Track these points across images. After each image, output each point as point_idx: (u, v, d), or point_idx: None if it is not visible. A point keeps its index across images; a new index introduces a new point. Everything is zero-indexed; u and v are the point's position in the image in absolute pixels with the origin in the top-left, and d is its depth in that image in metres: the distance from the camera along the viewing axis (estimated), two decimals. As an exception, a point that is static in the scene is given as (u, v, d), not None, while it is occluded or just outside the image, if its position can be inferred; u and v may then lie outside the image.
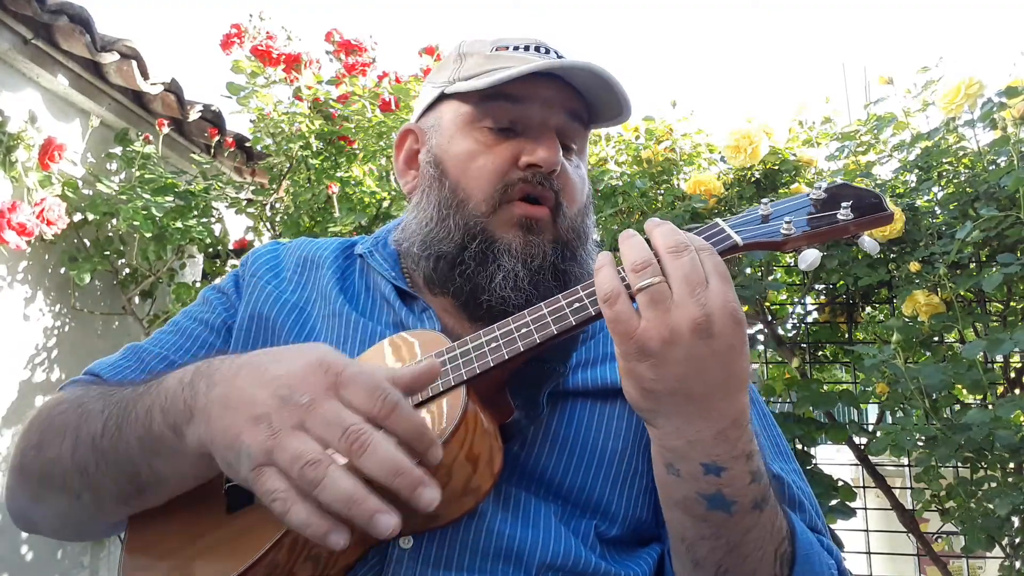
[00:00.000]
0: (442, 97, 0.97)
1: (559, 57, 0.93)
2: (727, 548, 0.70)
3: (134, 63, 2.56)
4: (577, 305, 0.73)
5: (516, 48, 0.93)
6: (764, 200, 0.75)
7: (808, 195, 0.74)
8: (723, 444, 0.66)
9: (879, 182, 2.40)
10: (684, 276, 0.63)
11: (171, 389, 0.69)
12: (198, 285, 2.86)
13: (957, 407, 2.13)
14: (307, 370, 0.62)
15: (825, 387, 2.37)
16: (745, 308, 2.33)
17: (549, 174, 0.89)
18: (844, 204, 0.71)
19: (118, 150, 2.72)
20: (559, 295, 0.75)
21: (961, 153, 2.29)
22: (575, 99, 0.93)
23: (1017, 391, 2.33)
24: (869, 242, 0.71)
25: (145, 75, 2.63)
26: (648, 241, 0.68)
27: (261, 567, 0.65)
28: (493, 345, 0.75)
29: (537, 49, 0.93)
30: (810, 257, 0.71)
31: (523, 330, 0.74)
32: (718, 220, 0.74)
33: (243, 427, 0.60)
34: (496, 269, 0.87)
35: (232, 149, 3.08)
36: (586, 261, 0.94)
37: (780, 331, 2.61)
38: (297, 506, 0.56)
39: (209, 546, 0.70)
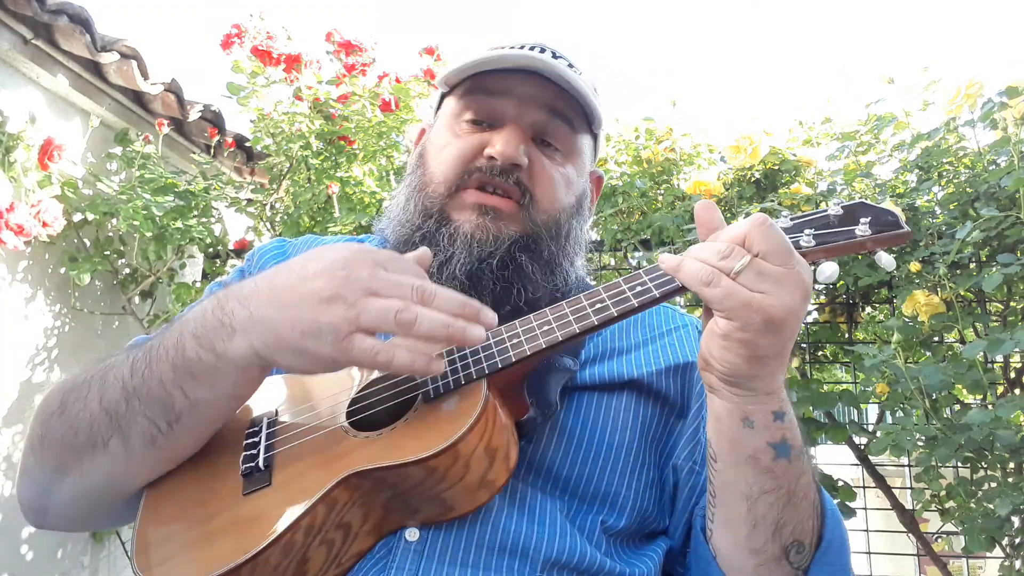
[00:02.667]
0: (443, 96, 1.01)
1: (556, 57, 0.93)
2: (786, 498, 0.73)
3: (134, 63, 2.56)
4: (599, 306, 0.74)
5: (512, 48, 0.94)
6: (784, 213, 0.77)
7: (827, 210, 0.75)
8: (783, 390, 0.72)
9: (879, 182, 2.40)
10: (787, 248, 0.66)
11: (198, 318, 0.73)
12: (198, 285, 2.86)
13: (957, 407, 2.13)
14: (350, 255, 0.70)
15: (825, 387, 2.37)
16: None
17: (512, 168, 0.90)
18: (862, 220, 0.72)
19: (118, 150, 2.72)
20: (581, 295, 0.76)
21: (961, 153, 2.29)
22: (561, 99, 0.93)
23: (1017, 391, 2.32)
24: (886, 258, 0.73)
25: (145, 75, 2.63)
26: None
27: (276, 548, 0.66)
28: (515, 341, 0.76)
29: (532, 49, 0.93)
30: (828, 270, 0.73)
31: (545, 327, 0.75)
32: None
33: (315, 311, 0.66)
34: (437, 252, 0.89)
35: (232, 149, 3.08)
36: (558, 262, 0.94)
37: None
38: (399, 351, 0.67)
39: (225, 526, 0.70)
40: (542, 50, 0.94)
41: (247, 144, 3.12)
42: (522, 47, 0.94)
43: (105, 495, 0.80)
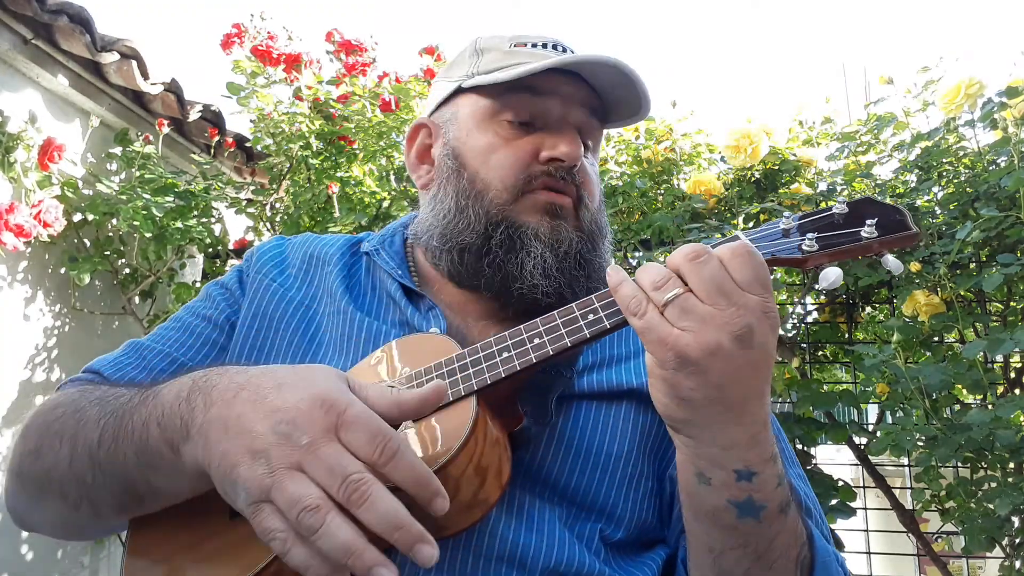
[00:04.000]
0: (459, 91, 0.97)
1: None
2: (755, 556, 0.69)
3: (134, 63, 2.56)
4: (592, 317, 0.71)
5: (534, 45, 0.93)
6: (786, 214, 0.72)
7: (831, 209, 0.71)
8: (755, 448, 0.65)
9: (879, 182, 2.40)
10: (717, 285, 0.61)
11: (168, 403, 0.67)
12: (198, 285, 2.85)
13: (957, 407, 2.13)
14: (309, 406, 0.60)
15: (825, 387, 2.37)
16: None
17: (570, 169, 0.89)
18: (868, 221, 0.68)
19: (118, 150, 2.72)
20: (572, 304, 0.74)
21: (961, 153, 2.29)
22: (594, 97, 0.93)
23: (1017, 391, 2.32)
24: (893, 262, 0.68)
25: (145, 75, 2.62)
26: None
27: None
28: (505, 355, 0.73)
29: (555, 47, 0.93)
30: (832, 276, 0.67)
31: (536, 340, 0.73)
32: (738, 233, 0.72)
33: (240, 459, 0.59)
34: (526, 255, 0.87)
35: (232, 149, 3.08)
36: (605, 256, 0.94)
37: (780, 331, 2.61)
38: (297, 548, 0.56)
39: (211, 552, 0.69)
40: (564, 49, 0.93)
41: (247, 144, 3.12)
42: (545, 45, 0.93)
43: (86, 529, 0.82)
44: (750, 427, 0.64)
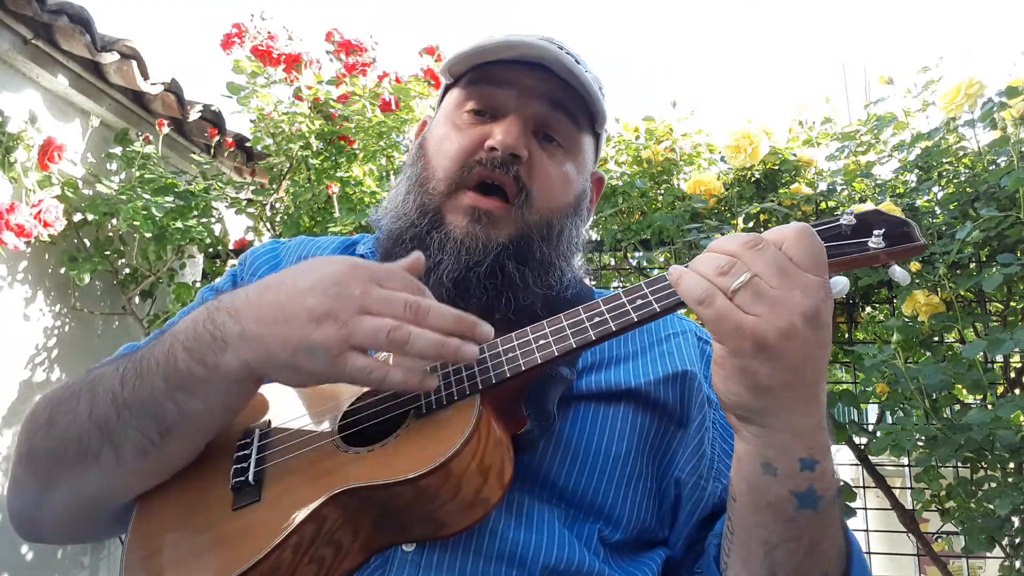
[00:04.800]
0: (447, 88, 1.00)
1: (563, 52, 0.91)
2: (808, 548, 0.69)
3: (134, 63, 2.56)
4: (598, 320, 0.72)
5: (518, 37, 0.92)
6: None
7: (839, 220, 0.71)
8: (819, 435, 0.65)
9: (879, 182, 2.40)
10: (780, 268, 0.61)
11: (189, 330, 0.72)
12: (198, 285, 2.86)
13: (957, 407, 2.13)
14: (347, 270, 0.69)
15: (825, 387, 2.36)
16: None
17: (512, 160, 0.87)
18: (876, 232, 0.69)
19: (118, 150, 2.72)
20: (580, 308, 0.74)
21: (961, 153, 2.29)
22: (565, 93, 0.92)
23: (1017, 391, 2.32)
24: (900, 272, 0.69)
25: (145, 75, 2.63)
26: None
27: (265, 566, 0.65)
28: (510, 355, 0.74)
29: (540, 39, 0.92)
30: (839, 284, 0.67)
31: (541, 341, 0.73)
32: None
33: (307, 329, 0.66)
34: (427, 256, 0.86)
35: (232, 149, 3.08)
36: (550, 262, 0.92)
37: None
38: (392, 370, 0.66)
39: (213, 541, 0.70)
40: (549, 42, 0.92)
41: (247, 144, 3.12)
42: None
43: (96, 507, 0.79)
44: (816, 411, 0.65)
